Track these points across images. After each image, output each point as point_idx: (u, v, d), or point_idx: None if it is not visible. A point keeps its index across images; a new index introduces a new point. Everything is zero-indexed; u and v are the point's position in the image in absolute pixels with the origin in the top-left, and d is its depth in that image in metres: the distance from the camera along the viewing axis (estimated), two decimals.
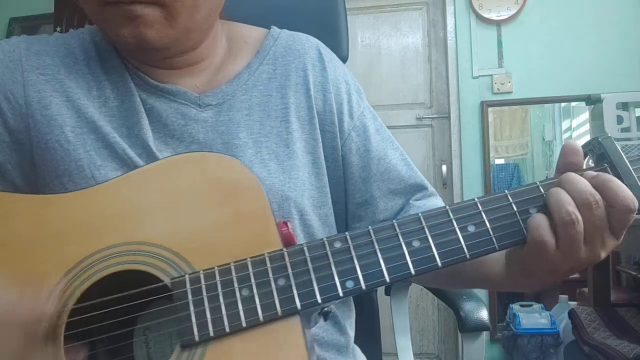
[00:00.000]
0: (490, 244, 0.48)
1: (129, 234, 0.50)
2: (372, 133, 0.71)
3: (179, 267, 0.49)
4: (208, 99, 0.65)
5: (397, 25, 3.13)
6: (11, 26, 3.22)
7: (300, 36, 0.74)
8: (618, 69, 2.82)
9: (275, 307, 0.46)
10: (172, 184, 0.52)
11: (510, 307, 2.69)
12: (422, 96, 3.10)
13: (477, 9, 2.93)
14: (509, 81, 2.91)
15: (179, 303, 0.47)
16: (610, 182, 0.46)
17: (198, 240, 0.50)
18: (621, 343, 1.93)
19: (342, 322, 0.70)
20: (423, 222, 0.49)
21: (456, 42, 2.99)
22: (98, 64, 0.65)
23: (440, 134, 3.06)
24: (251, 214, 0.51)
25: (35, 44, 0.65)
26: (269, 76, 0.69)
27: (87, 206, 0.52)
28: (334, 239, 0.49)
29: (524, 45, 2.91)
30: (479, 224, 0.48)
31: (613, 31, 2.83)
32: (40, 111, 0.61)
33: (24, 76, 0.62)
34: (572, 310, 2.24)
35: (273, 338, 0.46)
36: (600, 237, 0.47)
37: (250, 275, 0.48)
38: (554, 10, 2.90)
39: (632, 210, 0.46)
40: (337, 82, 0.71)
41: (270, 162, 0.64)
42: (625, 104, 2.57)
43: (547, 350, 2.44)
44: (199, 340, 0.46)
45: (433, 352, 2.97)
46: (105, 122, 0.62)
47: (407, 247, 0.48)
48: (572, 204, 0.46)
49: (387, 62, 3.10)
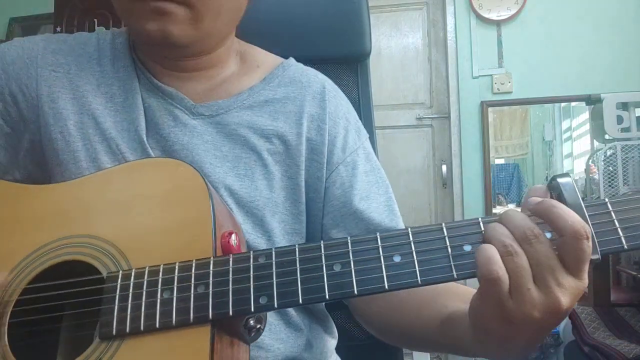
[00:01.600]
0: (413, 277, 0.45)
1: (82, 227, 0.55)
2: (361, 172, 0.71)
3: (119, 263, 0.52)
4: (202, 109, 0.68)
5: (397, 25, 3.13)
6: (11, 26, 3.22)
7: (310, 71, 0.76)
8: (618, 69, 2.82)
9: (189, 312, 0.47)
10: (131, 185, 0.57)
11: None
12: (422, 96, 3.10)
13: (477, 9, 2.93)
14: (509, 81, 2.91)
15: (108, 296, 0.50)
16: (556, 208, 0.42)
17: (141, 240, 0.53)
18: (621, 343, 1.93)
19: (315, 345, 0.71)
20: (349, 247, 0.47)
21: (456, 42, 2.99)
22: (110, 62, 0.70)
23: (440, 134, 3.06)
24: (193, 220, 0.52)
25: (52, 43, 0.70)
26: (266, 99, 0.71)
27: (54, 199, 0.58)
28: (260, 254, 0.49)
29: (524, 45, 2.91)
30: (405, 255, 0.46)
31: (613, 31, 2.84)
32: (48, 104, 0.66)
33: (38, 72, 0.67)
34: (572, 310, 2.24)
35: (182, 342, 0.47)
36: (552, 275, 0.41)
37: (174, 279, 0.49)
38: (554, 10, 2.90)
39: (582, 237, 0.41)
40: (336, 116, 0.72)
41: (245, 177, 0.66)
42: (625, 104, 2.57)
43: (547, 350, 2.44)
44: (115, 333, 0.48)
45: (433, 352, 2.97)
46: (108, 117, 0.67)
47: (327, 270, 0.47)
48: (510, 236, 0.42)
49: (387, 62, 3.10)
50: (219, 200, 0.58)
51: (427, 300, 0.59)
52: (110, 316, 0.49)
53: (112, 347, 0.48)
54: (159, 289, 0.49)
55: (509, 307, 0.42)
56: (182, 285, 0.48)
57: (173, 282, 0.49)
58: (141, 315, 0.48)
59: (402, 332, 0.64)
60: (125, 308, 0.49)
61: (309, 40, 0.95)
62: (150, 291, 0.49)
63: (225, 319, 0.47)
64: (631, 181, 2.47)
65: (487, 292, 0.43)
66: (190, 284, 0.48)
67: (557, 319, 0.42)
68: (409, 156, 3.06)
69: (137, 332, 0.48)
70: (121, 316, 0.48)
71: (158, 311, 0.48)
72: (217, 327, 0.48)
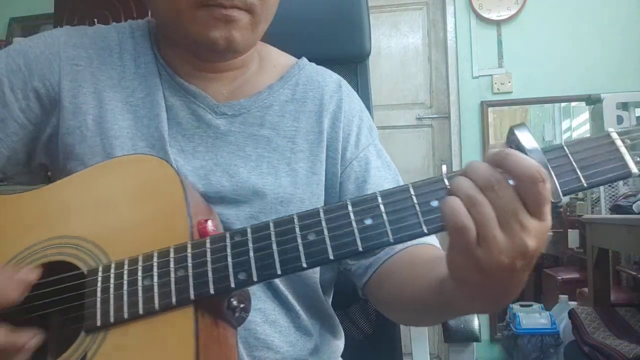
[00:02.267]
0: (384, 237, 0.46)
1: (62, 229, 0.56)
2: (373, 168, 0.73)
3: (98, 258, 0.53)
4: (225, 109, 0.69)
5: (397, 25, 3.13)
6: (11, 26, 3.22)
7: (325, 71, 0.78)
8: (618, 69, 2.82)
9: (170, 296, 0.48)
10: (107, 183, 0.58)
11: (510, 307, 2.69)
12: (422, 96, 3.10)
13: (477, 9, 2.93)
14: (509, 81, 2.91)
15: (90, 290, 0.51)
16: (511, 155, 0.43)
17: (119, 234, 0.54)
18: (621, 343, 1.93)
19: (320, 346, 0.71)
20: (321, 215, 0.48)
21: (456, 42, 2.99)
22: (132, 57, 0.70)
23: (440, 134, 3.06)
24: (168, 210, 0.53)
25: (73, 37, 0.70)
26: (286, 99, 0.72)
27: (32, 205, 0.59)
28: (236, 232, 0.50)
29: (524, 45, 2.91)
30: (376, 216, 0.47)
31: (613, 31, 2.84)
32: (69, 99, 0.67)
33: (61, 66, 0.68)
34: (572, 310, 2.24)
35: (167, 325, 0.48)
36: (515, 219, 0.42)
37: (153, 266, 0.50)
38: (554, 10, 2.90)
39: (538, 180, 0.41)
40: (351, 114, 0.74)
41: (268, 175, 0.67)
42: (625, 104, 2.57)
43: (547, 350, 2.44)
44: (100, 325, 0.49)
45: (433, 352, 2.97)
46: (128, 113, 0.67)
47: (302, 239, 0.47)
48: (473, 187, 0.43)
49: (387, 62, 3.10)
50: (193, 190, 0.58)
51: (424, 273, 0.59)
52: (94, 309, 0.50)
53: (97, 338, 0.49)
54: (139, 277, 0.50)
55: (478, 255, 0.43)
56: (162, 271, 0.49)
57: (152, 268, 0.50)
58: (124, 304, 0.49)
59: (412, 308, 0.64)
60: (107, 299, 0.50)
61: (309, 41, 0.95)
62: (131, 280, 0.50)
63: (207, 298, 0.48)
64: (631, 181, 2.47)
65: (456, 243, 0.44)
66: (169, 269, 0.49)
67: (526, 261, 0.43)
68: (409, 156, 3.06)
69: (122, 320, 0.49)
70: (104, 307, 0.49)
71: (140, 298, 0.49)
72: (200, 308, 0.48)
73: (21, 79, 0.66)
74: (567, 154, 0.46)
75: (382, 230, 0.47)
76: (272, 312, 0.66)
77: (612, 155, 0.46)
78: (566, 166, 0.46)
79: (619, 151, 0.46)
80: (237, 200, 0.66)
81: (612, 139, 0.47)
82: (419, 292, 0.59)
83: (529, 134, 0.46)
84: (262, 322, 0.65)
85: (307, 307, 0.70)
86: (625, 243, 1.92)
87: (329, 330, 0.74)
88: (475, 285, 0.46)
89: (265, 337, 0.65)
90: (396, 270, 0.66)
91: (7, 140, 0.67)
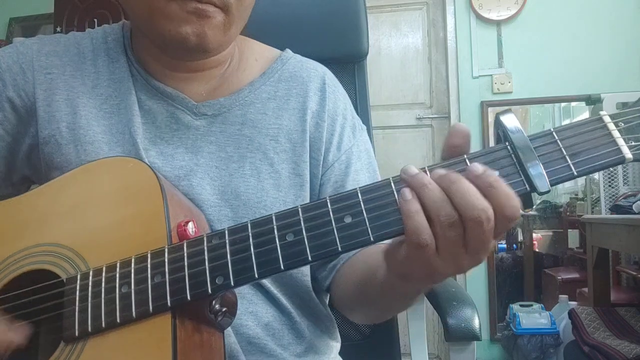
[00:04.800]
0: (365, 235, 0.44)
1: (42, 236, 0.54)
2: (352, 171, 0.71)
3: (77, 266, 0.51)
4: (204, 109, 0.67)
5: (397, 25, 3.12)
6: (11, 26, 3.22)
7: (309, 63, 0.75)
8: (618, 69, 2.82)
9: (147, 303, 0.47)
10: (85, 188, 0.56)
11: (510, 307, 2.69)
12: (422, 96, 3.10)
13: (477, 9, 2.93)
14: (509, 81, 2.91)
15: (68, 298, 0.49)
16: (494, 189, 0.41)
17: (97, 240, 0.52)
18: (621, 343, 1.93)
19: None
20: (300, 214, 0.46)
21: (456, 42, 2.99)
22: (105, 63, 0.69)
23: (440, 134, 3.06)
24: (147, 214, 0.52)
25: (46, 45, 0.69)
26: (268, 96, 0.70)
27: (12, 213, 0.58)
28: (213, 235, 0.48)
29: (524, 45, 2.91)
30: (356, 214, 0.44)
31: (613, 31, 2.83)
32: (44, 108, 0.66)
33: (34, 76, 0.66)
34: (572, 310, 2.24)
35: (143, 334, 0.47)
36: (484, 247, 0.42)
37: (131, 272, 0.48)
38: (554, 10, 2.89)
39: (512, 220, 0.41)
40: (334, 113, 0.72)
41: (250, 177, 0.66)
42: (625, 104, 2.56)
43: (547, 350, 2.43)
44: (78, 335, 0.48)
45: (433, 352, 2.97)
46: (102, 119, 0.66)
47: (280, 240, 0.45)
48: (449, 205, 0.42)
49: (387, 62, 3.10)
50: (174, 191, 0.57)
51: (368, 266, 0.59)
52: (72, 318, 0.48)
53: (76, 349, 0.48)
54: (117, 284, 0.48)
55: (436, 266, 0.43)
56: (139, 277, 0.48)
57: (130, 275, 0.48)
58: (102, 313, 0.48)
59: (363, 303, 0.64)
60: (85, 308, 0.48)
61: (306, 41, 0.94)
62: (108, 287, 0.49)
63: (185, 304, 0.47)
64: (631, 181, 2.47)
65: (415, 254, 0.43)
66: (147, 275, 0.48)
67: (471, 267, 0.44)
68: (409, 156, 3.06)
69: (100, 330, 0.48)
70: (82, 317, 0.48)
71: (118, 306, 0.47)
72: (179, 315, 0.47)
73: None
74: (556, 140, 0.44)
75: (363, 229, 0.44)
76: (264, 315, 0.65)
77: (604, 140, 0.43)
78: (555, 153, 0.43)
79: (612, 135, 0.43)
80: (218, 203, 0.64)
81: (604, 123, 0.44)
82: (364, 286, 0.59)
83: (517, 123, 0.44)
84: (255, 326, 0.64)
85: (300, 308, 0.69)
86: (625, 243, 1.92)
87: (324, 331, 0.73)
88: (416, 280, 0.47)
89: (259, 341, 0.64)
90: (353, 267, 0.65)
91: None
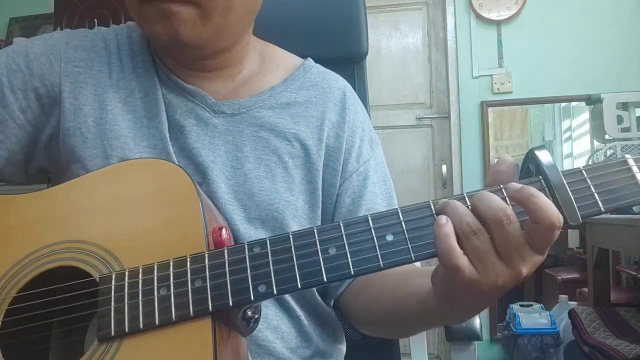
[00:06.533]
0: (406, 254, 0.46)
1: (71, 233, 0.54)
2: (370, 183, 0.72)
3: (110, 265, 0.51)
4: (224, 107, 0.68)
5: (397, 25, 3.13)
6: (11, 26, 3.22)
7: (330, 75, 0.77)
8: (618, 69, 2.82)
9: (188, 307, 0.47)
10: (118, 187, 0.56)
11: (510, 307, 2.69)
12: (422, 96, 3.10)
13: (477, 9, 2.93)
14: (509, 81, 2.91)
15: (103, 298, 0.49)
16: (535, 198, 0.43)
17: (132, 240, 0.53)
18: (621, 343, 1.93)
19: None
20: (342, 230, 0.48)
21: (456, 42, 2.99)
22: (129, 57, 0.70)
23: (440, 134, 3.06)
24: (183, 218, 0.52)
25: (74, 39, 0.70)
26: (288, 102, 0.71)
27: (39, 206, 0.57)
28: (254, 244, 0.49)
29: (524, 45, 2.91)
30: (397, 233, 0.47)
31: (613, 31, 2.83)
32: (70, 100, 0.66)
33: (62, 67, 0.67)
34: (572, 310, 2.24)
35: (183, 337, 0.47)
36: (518, 254, 0.43)
37: (170, 276, 0.49)
38: (554, 10, 2.90)
39: (556, 228, 0.43)
40: (354, 125, 0.73)
41: (265, 179, 0.66)
42: (625, 104, 2.57)
43: (547, 350, 2.43)
44: (114, 335, 0.48)
45: (433, 352, 2.97)
46: (127, 114, 0.67)
47: (323, 253, 0.47)
48: (470, 215, 0.44)
49: (387, 62, 3.10)
50: (206, 197, 0.58)
51: (399, 284, 0.60)
52: (108, 318, 0.48)
53: (111, 348, 0.48)
54: (155, 287, 0.49)
55: (476, 281, 0.44)
56: (178, 281, 0.48)
57: (169, 278, 0.49)
58: (139, 314, 0.48)
59: (388, 320, 0.64)
60: (122, 308, 0.48)
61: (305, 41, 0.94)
62: (146, 289, 0.49)
63: (223, 311, 0.48)
64: None
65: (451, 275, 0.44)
66: (187, 279, 0.48)
67: (517, 283, 0.45)
68: (409, 156, 3.06)
69: (137, 331, 0.47)
70: (119, 317, 0.48)
71: (157, 308, 0.48)
72: (217, 319, 0.48)
73: (21, 78, 0.66)
74: (585, 178, 0.47)
75: (404, 248, 0.46)
76: (274, 318, 0.66)
77: (629, 181, 0.48)
78: (584, 190, 0.47)
79: (635, 177, 0.48)
80: (231, 202, 0.65)
81: (628, 166, 0.48)
82: (396, 305, 0.59)
83: (551, 159, 0.47)
84: (265, 329, 0.64)
85: (308, 312, 0.70)
86: (625, 243, 1.92)
87: (331, 335, 0.73)
88: (462, 302, 0.47)
89: (268, 344, 0.64)
90: (371, 282, 0.65)
91: (7, 142, 0.66)
